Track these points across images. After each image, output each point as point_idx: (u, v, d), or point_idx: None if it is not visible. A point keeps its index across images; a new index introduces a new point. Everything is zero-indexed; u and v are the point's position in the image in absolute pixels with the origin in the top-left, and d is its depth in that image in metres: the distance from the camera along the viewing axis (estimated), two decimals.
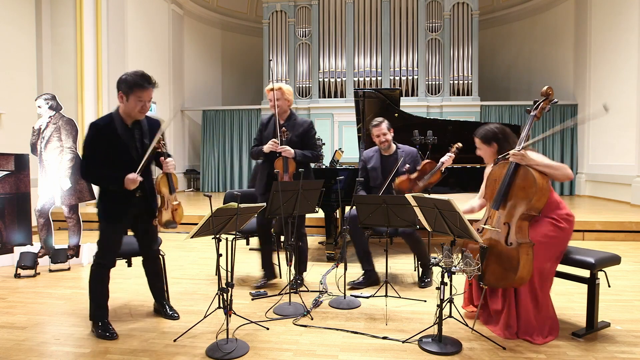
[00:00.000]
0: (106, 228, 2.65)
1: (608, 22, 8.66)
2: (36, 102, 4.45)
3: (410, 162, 3.64)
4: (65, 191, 4.38)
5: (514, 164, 2.46)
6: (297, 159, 3.35)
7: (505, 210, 2.48)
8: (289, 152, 3.29)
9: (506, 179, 2.47)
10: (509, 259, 2.37)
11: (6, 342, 2.52)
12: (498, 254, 2.43)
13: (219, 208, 2.41)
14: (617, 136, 8.30)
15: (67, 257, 4.22)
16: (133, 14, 8.89)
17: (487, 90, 11.29)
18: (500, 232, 2.45)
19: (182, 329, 2.63)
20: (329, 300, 3.18)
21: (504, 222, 2.46)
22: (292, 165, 3.33)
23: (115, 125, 2.58)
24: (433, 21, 10.40)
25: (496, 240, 2.47)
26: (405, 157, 3.67)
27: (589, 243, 5.27)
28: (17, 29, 6.52)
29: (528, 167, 2.42)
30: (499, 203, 2.49)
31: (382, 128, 3.66)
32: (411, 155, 3.73)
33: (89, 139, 2.56)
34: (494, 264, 2.44)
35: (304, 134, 3.45)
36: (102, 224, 2.66)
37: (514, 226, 2.41)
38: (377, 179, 3.75)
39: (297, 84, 10.81)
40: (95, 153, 2.57)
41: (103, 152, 2.57)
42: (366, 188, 3.87)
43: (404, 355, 2.32)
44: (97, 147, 2.56)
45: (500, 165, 2.58)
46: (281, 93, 3.39)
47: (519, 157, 2.42)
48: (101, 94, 7.57)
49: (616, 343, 2.46)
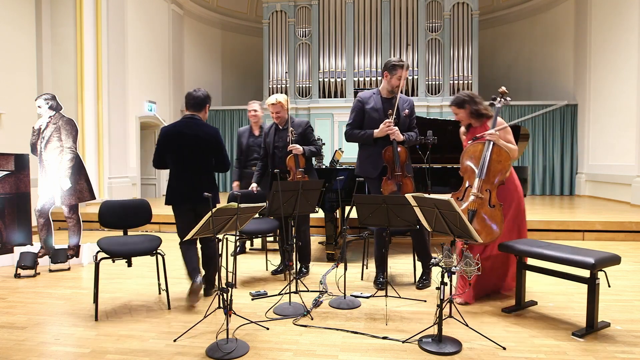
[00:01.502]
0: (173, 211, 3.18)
1: (608, 22, 8.66)
2: (36, 102, 4.45)
3: (408, 108, 3.56)
4: (65, 191, 4.38)
5: (491, 142, 3.00)
6: (305, 154, 3.75)
7: (488, 179, 3.00)
8: (299, 150, 3.69)
9: (486, 154, 3.00)
10: (493, 217, 2.92)
11: (6, 342, 2.52)
12: (483, 216, 2.94)
13: (219, 208, 2.41)
14: (617, 136, 8.30)
15: (67, 257, 4.23)
16: (133, 14, 8.89)
17: (487, 90, 11.28)
18: (484, 197, 2.97)
19: (182, 329, 2.63)
20: (329, 300, 3.18)
21: (485, 189, 2.99)
22: (302, 161, 3.73)
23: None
24: (433, 21, 10.40)
25: (480, 204, 2.96)
26: (403, 103, 3.57)
27: (589, 243, 5.27)
28: (17, 29, 6.53)
29: (499, 146, 3.00)
30: (483, 173, 2.99)
31: (406, 73, 3.52)
32: (408, 101, 3.62)
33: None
34: (481, 223, 2.93)
35: (304, 133, 3.86)
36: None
37: (493, 192, 2.97)
38: (379, 119, 3.53)
39: (297, 84, 10.81)
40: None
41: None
42: (359, 128, 3.65)
43: (404, 355, 2.32)
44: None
45: (474, 144, 3.10)
46: (281, 106, 3.82)
47: (495, 137, 3.00)
48: (101, 94, 7.57)
49: (616, 343, 2.46)
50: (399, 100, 3.51)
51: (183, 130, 3.17)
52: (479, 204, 2.96)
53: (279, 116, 3.85)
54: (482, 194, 2.97)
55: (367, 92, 3.67)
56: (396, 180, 3.39)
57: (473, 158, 3.08)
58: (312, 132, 3.98)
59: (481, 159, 3.01)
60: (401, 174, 3.40)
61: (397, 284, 3.57)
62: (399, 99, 3.50)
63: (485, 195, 2.97)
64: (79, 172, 4.44)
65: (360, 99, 3.63)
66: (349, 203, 4.18)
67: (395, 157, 3.41)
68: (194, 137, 3.15)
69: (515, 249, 2.91)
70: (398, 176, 3.39)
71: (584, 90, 9.48)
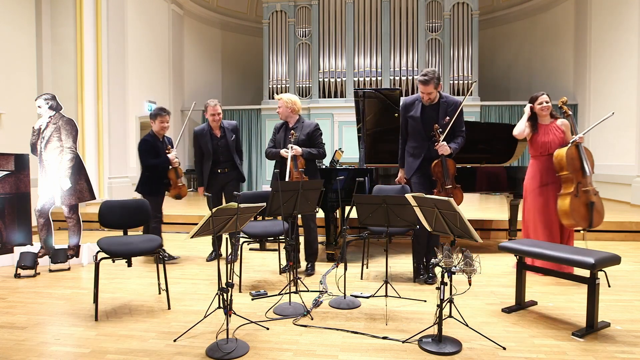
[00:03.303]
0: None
1: (608, 22, 8.66)
2: (36, 102, 4.45)
3: (450, 114, 3.48)
4: (65, 191, 4.38)
5: (581, 145, 3.62)
6: (304, 156, 3.81)
7: (590, 175, 3.63)
8: (297, 151, 3.76)
9: (581, 154, 3.60)
10: (601, 203, 3.65)
11: (6, 342, 2.51)
12: (598, 203, 3.61)
13: (219, 208, 2.41)
14: (617, 136, 8.30)
15: (67, 257, 4.22)
16: (133, 14, 8.89)
17: (487, 90, 11.29)
18: (593, 189, 3.63)
19: (182, 329, 2.63)
20: (329, 300, 3.18)
21: (589, 182, 3.63)
22: (301, 162, 3.80)
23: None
24: (433, 21, 10.40)
25: (592, 194, 3.60)
26: (447, 108, 3.51)
27: (589, 243, 5.26)
28: (17, 29, 6.52)
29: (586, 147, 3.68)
30: (589, 170, 3.62)
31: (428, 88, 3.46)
32: (454, 105, 3.52)
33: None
34: (597, 210, 3.60)
35: (311, 134, 3.95)
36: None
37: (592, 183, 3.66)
38: (418, 130, 3.58)
39: (297, 84, 10.81)
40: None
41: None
42: (404, 143, 3.72)
43: (404, 355, 2.32)
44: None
45: (570, 148, 3.60)
46: (282, 103, 3.95)
47: (583, 140, 3.63)
48: (101, 94, 7.57)
49: (616, 343, 2.46)
50: (441, 106, 3.53)
51: None
52: (594, 196, 3.59)
53: (279, 112, 4.00)
54: (592, 186, 3.61)
55: (410, 98, 3.73)
56: (446, 193, 3.44)
57: (575, 159, 3.58)
58: (320, 134, 4.04)
59: (581, 159, 3.58)
60: (451, 186, 3.47)
61: (397, 284, 3.57)
62: (440, 104, 3.53)
63: (594, 187, 3.63)
64: (79, 172, 4.44)
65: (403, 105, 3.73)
66: (349, 203, 4.19)
67: (445, 170, 3.45)
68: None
69: (515, 249, 2.91)
70: (448, 189, 3.45)
71: (584, 90, 9.48)
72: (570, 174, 3.58)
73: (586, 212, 3.57)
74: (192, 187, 11.34)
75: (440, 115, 3.51)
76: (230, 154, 4.45)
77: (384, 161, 4.95)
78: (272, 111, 10.93)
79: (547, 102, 3.79)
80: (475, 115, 10.16)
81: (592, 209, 3.54)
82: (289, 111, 3.95)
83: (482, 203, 8.19)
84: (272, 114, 10.95)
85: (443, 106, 3.52)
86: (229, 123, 4.53)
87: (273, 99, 10.97)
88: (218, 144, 4.43)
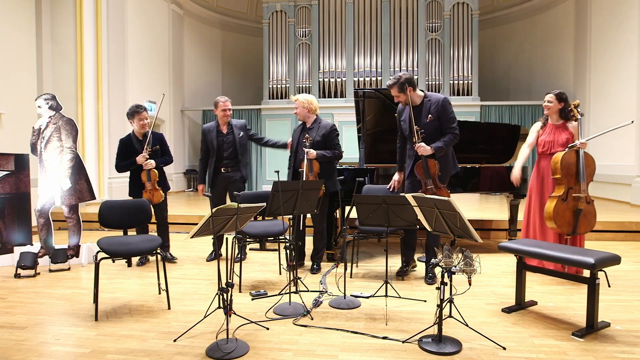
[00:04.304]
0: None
1: (608, 22, 8.66)
2: (36, 102, 4.45)
3: (434, 113, 3.47)
4: (65, 191, 4.38)
5: (581, 151, 3.55)
6: (318, 159, 3.83)
7: (586, 181, 3.57)
8: (311, 154, 3.79)
9: (579, 161, 3.55)
10: (592, 212, 3.62)
11: (6, 342, 2.51)
12: (587, 211, 3.58)
13: (219, 208, 2.41)
14: (617, 136, 8.29)
15: (67, 257, 4.22)
16: (133, 14, 8.89)
17: (487, 90, 11.29)
18: (586, 196, 3.58)
19: (182, 329, 2.63)
20: (329, 300, 3.18)
21: (583, 189, 3.54)
22: (316, 165, 3.81)
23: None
24: (433, 21, 10.40)
25: (583, 202, 3.55)
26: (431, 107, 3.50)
27: (589, 243, 5.25)
28: (17, 29, 6.52)
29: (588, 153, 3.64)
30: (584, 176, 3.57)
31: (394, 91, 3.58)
32: (437, 103, 3.50)
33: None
34: (585, 217, 3.56)
35: (326, 135, 3.96)
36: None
37: (587, 191, 3.60)
38: (406, 131, 3.60)
39: (297, 84, 10.81)
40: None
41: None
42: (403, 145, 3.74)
43: (404, 355, 2.32)
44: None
45: (569, 152, 3.58)
46: (299, 104, 4.03)
47: (585, 146, 3.59)
48: (101, 94, 7.57)
49: (616, 343, 2.46)
50: (424, 106, 3.52)
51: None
52: (583, 203, 3.54)
53: (297, 112, 4.07)
54: (586, 194, 3.57)
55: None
56: (429, 193, 3.39)
57: (570, 164, 3.55)
58: (336, 135, 4.03)
59: (579, 165, 3.54)
60: (433, 187, 3.43)
61: (397, 284, 3.57)
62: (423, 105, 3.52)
63: (587, 195, 3.59)
64: (79, 172, 4.44)
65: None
66: (349, 203, 4.19)
67: (425, 171, 3.42)
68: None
69: (515, 249, 2.91)
70: (429, 189, 3.42)
71: (584, 90, 9.48)
72: (562, 178, 3.56)
73: (572, 217, 3.53)
74: (193, 187, 11.34)
75: (424, 114, 3.51)
76: (235, 152, 4.42)
77: (384, 161, 4.95)
78: (272, 111, 10.94)
79: (549, 102, 3.78)
80: (475, 115, 10.16)
81: (579, 216, 3.50)
82: (305, 111, 4.00)
83: (482, 203, 8.19)
84: (272, 114, 10.96)
85: (426, 106, 3.52)
86: (237, 121, 4.51)
87: (273, 99, 10.98)
88: (223, 140, 4.42)
